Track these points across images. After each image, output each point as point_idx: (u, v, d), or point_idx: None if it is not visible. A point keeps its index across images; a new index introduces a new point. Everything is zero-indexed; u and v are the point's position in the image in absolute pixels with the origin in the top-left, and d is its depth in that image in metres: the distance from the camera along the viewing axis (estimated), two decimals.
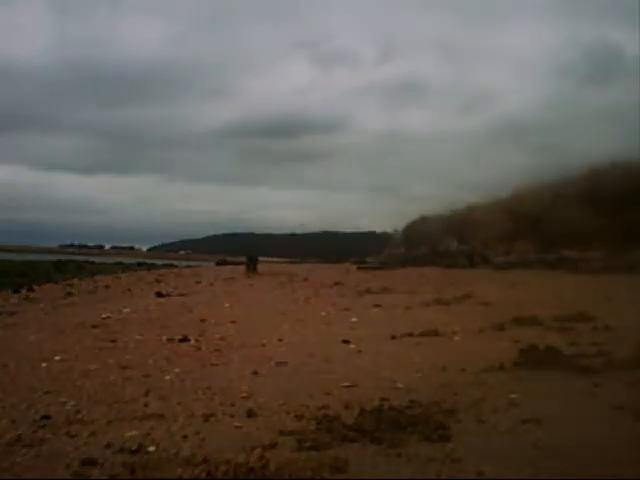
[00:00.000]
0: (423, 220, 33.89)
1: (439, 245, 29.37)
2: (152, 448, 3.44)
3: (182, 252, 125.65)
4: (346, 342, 7.30)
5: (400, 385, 4.97)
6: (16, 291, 15.97)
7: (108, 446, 3.48)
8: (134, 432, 3.76)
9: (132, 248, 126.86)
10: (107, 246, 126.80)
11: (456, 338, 7.52)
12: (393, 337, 7.62)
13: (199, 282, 19.98)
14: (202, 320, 9.46)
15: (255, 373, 5.58)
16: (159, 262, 50.79)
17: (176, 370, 5.77)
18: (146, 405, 4.48)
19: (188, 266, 40.55)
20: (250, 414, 4.17)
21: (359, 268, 28.24)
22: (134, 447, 3.44)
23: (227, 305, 12.03)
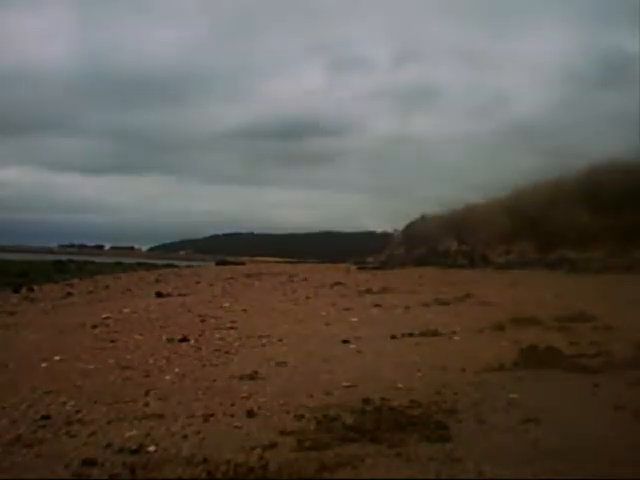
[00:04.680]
0: (423, 220, 33.90)
1: (439, 245, 29.38)
2: (152, 448, 3.44)
3: (182, 252, 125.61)
4: (346, 342, 7.30)
5: (400, 385, 4.97)
6: (16, 291, 15.96)
7: (108, 446, 3.47)
8: (134, 432, 3.75)
9: (132, 248, 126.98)
10: (107, 246, 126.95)
11: (456, 338, 7.52)
12: (393, 337, 7.63)
13: (199, 282, 19.98)
14: (202, 320, 9.46)
15: (255, 373, 5.58)
16: (159, 262, 50.72)
17: (176, 370, 5.77)
18: (146, 405, 4.48)
19: (188, 266, 40.54)
20: (250, 414, 4.17)
21: (359, 268, 28.28)
22: (134, 447, 3.44)
23: (227, 305, 12.03)
